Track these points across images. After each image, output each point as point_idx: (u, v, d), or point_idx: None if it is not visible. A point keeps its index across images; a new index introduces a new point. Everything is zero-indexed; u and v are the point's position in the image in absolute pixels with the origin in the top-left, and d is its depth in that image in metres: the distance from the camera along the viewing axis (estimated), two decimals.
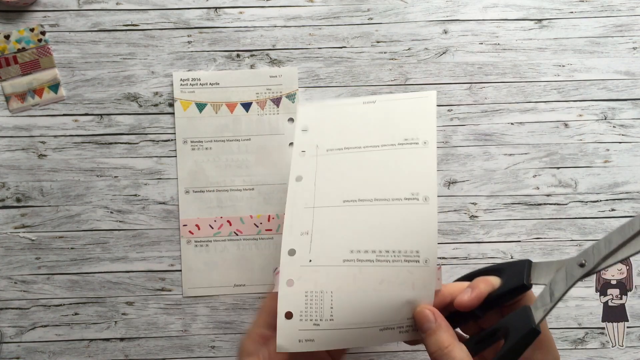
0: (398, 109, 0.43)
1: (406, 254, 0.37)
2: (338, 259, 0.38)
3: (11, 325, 0.55)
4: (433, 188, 0.38)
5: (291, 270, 0.38)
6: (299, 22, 0.56)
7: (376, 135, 0.41)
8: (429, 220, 0.37)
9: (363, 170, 0.40)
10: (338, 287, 0.38)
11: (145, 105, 0.55)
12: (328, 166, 0.41)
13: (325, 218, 0.39)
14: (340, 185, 0.40)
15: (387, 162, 0.40)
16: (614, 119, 0.56)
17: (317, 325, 0.38)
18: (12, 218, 0.55)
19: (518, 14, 0.56)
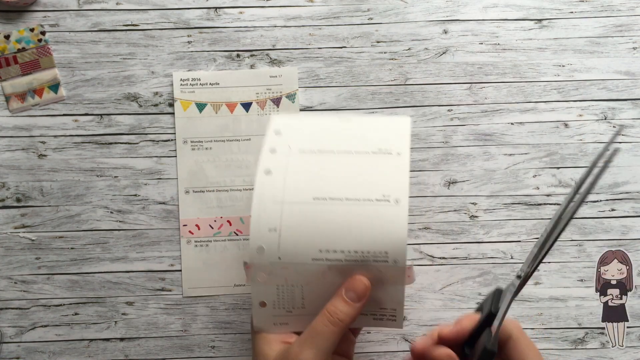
0: (373, 126, 0.43)
1: (375, 255, 0.37)
2: (307, 257, 0.38)
3: (11, 325, 0.55)
4: (405, 191, 0.38)
5: (261, 266, 0.39)
6: (299, 22, 0.56)
7: (351, 144, 0.41)
8: (399, 222, 0.37)
9: (336, 169, 0.40)
10: (308, 282, 0.39)
11: (145, 105, 0.55)
12: (300, 164, 0.40)
13: (294, 215, 0.38)
14: (312, 181, 0.39)
15: (360, 165, 0.40)
16: (614, 119, 0.56)
17: (290, 312, 0.40)
18: (12, 218, 0.55)
19: (518, 14, 0.56)
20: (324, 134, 0.42)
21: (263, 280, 0.39)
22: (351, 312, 0.37)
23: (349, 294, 0.37)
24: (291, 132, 0.43)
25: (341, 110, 0.55)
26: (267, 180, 0.40)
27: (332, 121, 0.44)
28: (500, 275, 0.55)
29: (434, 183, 0.55)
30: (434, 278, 0.55)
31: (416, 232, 0.55)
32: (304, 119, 0.45)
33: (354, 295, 0.37)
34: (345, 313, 0.37)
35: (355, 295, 0.37)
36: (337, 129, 0.43)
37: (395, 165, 0.39)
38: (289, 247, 0.38)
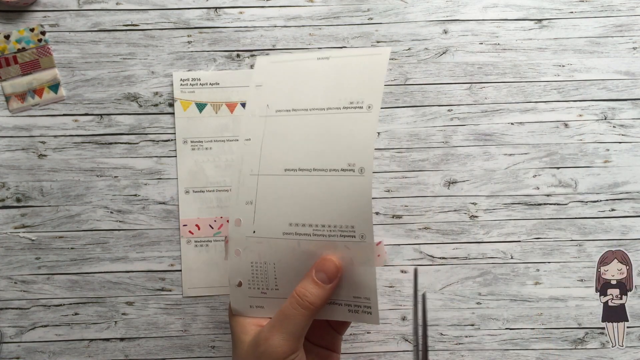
0: (349, 68, 0.40)
1: (342, 229, 0.36)
2: (278, 231, 0.38)
3: (11, 325, 0.55)
4: (369, 158, 0.36)
5: (238, 240, 0.39)
6: (299, 22, 0.56)
7: (324, 97, 0.40)
8: (364, 193, 0.36)
9: (307, 136, 0.39)
10: (279, 259, 0.38)
11: (145, 105, 0.55)
12: (275, 129, 0.40)
13: (268, 187, 0.38)
14: (284, 151, 0.39)
15: (330, 127, 0.38)
16: (614, 119, 0.56)
17: (265, 294, 0.39)
18: (12, 218, 0.55)
19: (518, 14, 0.56)
20: (301, 85, 0.41)
21: (239, 255, 0.39)
22: (322, 294, 0.36)
23: (319, 274, 0.36)
24: (271, 84, 0.42)
25: None
26: (247, 149, 0.40)
27: (311, 63, 0.42)
28: (500, 275, 0.55)
29: (434, 183, 0.55)
30: (434, 278, 0.55)
31: (416, 232, 0.55)
32: (285, 63, 0.44)
33: (324, 277, 0.36)
34: (315, 295, 0.35)
35: (326, 277, 0.36)
36: (315, 75, 0.41)
37: (363, 125, 0.38)
38: (262, 220, 0.38)
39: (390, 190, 0.55)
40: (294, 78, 0.42)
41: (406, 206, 0.55)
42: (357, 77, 0.40)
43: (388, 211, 0.55)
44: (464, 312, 0.55)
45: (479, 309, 0.55)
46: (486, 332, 0.55)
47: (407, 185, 0.55)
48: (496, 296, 0.55)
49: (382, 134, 0.55)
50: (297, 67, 0.43)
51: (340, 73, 0.41)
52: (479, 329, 0.55)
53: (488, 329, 0.55)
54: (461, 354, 0.55)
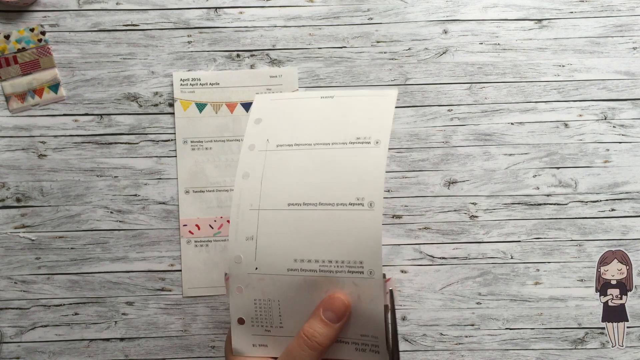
0: (355, 106, 0.40)
1: (349, 264, 0.35)
2: (282, 267, 0.37)
3: (11, 325, 0.55)
4: (379, 193, 0.35)
5: (239, 277, 0.37)
6: (299, 22, 0.56)
7: (329, 133, 0.39)
8: (373, 228, 0.35)
9: (311, 170, 0.38)
10: (284, 296, 0.37)
11: (145, 105, 0.55)
12: (276, 164, 0.39)
13: (270, 222, 0.37)
14: (287, 186, 0.38)
15: (336, 162, 0.37)
16: (614, 119, 0.56)
17: (269, 332, 0.38)
18: (12, 218, 0.55)
19: (518, 14, 0.56)
20: (303, 121, 0.40)
21: (240, 293, 0.37)
22: (330, 334, 0.34)
23: (327, 313, 0.34)
24: (271, 119, 0.41)
25: None
26: (245, 185, 0.38)
27: (314, 101, 0.42)
28: (500, 275, 0.55)
29: (434, 183, 0.55)
30: (434, 278, 0.55)
31: (416, 232, 0.55)
32: (286, 100, 0.43)
33: (333, 316, 0.34)
34: (324, 335, 0.34)
35: (334, 316, 0.34)
36: (318, 112, 0.41)
37: (372, 159, 0.37)
38: (265, 256, 0.37)
39: (390, 190, 0.55)
40: (295, 114, 0.41)
41: (406, 206, 0.55)
42: (364, 114, 0.39)
43: (388, 211, 0.55)
44: (464, 312, 0.55)
45: (479, 309, 0.55)
46: (486, 332, 0.55)
47: (407, 185, 0.55)
48: (496, 296, 0.55)
49: None
50: (299, 104, 0.42)
51: (346, 111, 0.40)
52: (479, 329, 0.55)
53: (488, 329, 0.55)
54: (461, 354, 0.55)
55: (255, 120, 0.41)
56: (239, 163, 0.40)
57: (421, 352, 0.55)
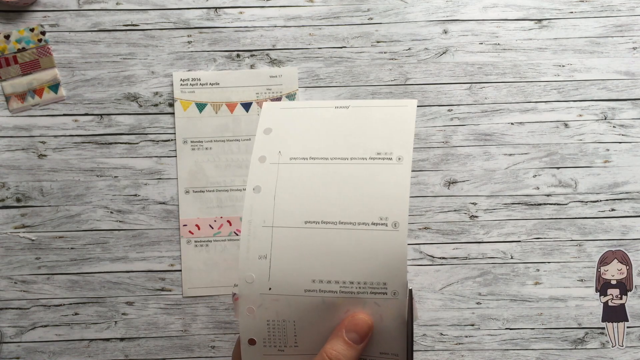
0: (372, 117, 0.38)
1: (372, 285, 0.34)
2: (299, 288, 0.35)
3: (11, 325, 0.55)
4: (404, 213, 0.34)
5: (250, 298, 0.35)
6: (299, 22, 0.56)
7: (346, 146, 0.37)
8: (398, 249, 0.33)
9: (329, 186, 0.36)
10: (300, 317, 0.35)
11: (145, 105, 0.55)
12: (290, 178, 0.37)
13: (285, 241, 0.35)
14: (303, 202, 0.36)
15: (355, 178, 0.36)
16: (614, 119, 0.56)
17: (282, 351, 0.36)
18: (12, 218, 0.55)
19: (518, 14, 0.56)
20: (317, 132, 0.38)
21: (252, 314, 0.35)
22: (353, 355, 0.33)
23: (351, 334, 0.33)
24: (282, 129, 0.39)
25: None
26: (257, 199, 0.36)
27: (327, 111, 0.39)
28: (500, 275, 0.55)
29: (434, 183, 0.55)
30: (434, 278, 0.55)
31: (416, 232, 0.55)
32: (297, 110, 0.40)
33: (356, 337, 0.33)
34: (347, 356, 0.33)
35: (358, 336, 0.33)
36: (333, 123, 0.38)
37: (395, 177, 0.35)
38: (280, 276, 0.35)
39: None
40: (308, 125, 0.39)
41: None
42: (383, 127, 0.37)
43: None
44: (464, 312, 0.55)
45: (479, 309, 0.55)
46: (486, 332, 0.55)
47: None
48: (496, 296, 0.55)
49: None
50: (312, 114, 0.39)
51: (362, 122, 0.38)
52: (479, 329, 0.55)
53: (488, 329, 0.55)
54: (461, 354, 0.55)
55: (264, 130, 0.39)
56: (249, 175, 0.37)
57: (421, 352, 0.55)
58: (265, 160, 0.38)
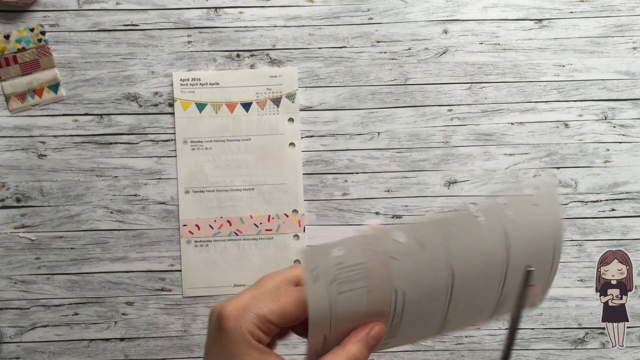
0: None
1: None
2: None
3: (11, 325, 0.55)
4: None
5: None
6: (299, 22, 0.56)
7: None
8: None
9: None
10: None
11: (145, 105, 0.55)
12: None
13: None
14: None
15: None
16: (614, 119, 0.56)
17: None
18: (12, 218, 0.55)
19: (518, 14, 0.56)
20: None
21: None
22: (367, 357, 0.33)
23: (372, 341, 0.33)
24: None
25: (341, 110, 0.55)
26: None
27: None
28: None
29: (434, 183, 0.55)
30: None
31: None
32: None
33: (375, 344, 0.33)
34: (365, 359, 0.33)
35: (376, 343, 0.33)
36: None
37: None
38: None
39: (390, 190, 0.55)
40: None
41: (406, 206, 0.55)
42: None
43: (388, 211, 0.55)
44: None
45: None
46: (486, 332, 0.55)
47: (407, 185, 0.55)
48: None
49: (382, 134, 0.55)
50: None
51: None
52: (479, 329, 0.55)
53: (488, 329, 0.55)
54: (461, 354, 0.55)
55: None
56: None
57: (421, 352, 0.55)
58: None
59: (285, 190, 0.55)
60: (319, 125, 0.55)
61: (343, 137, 0.55)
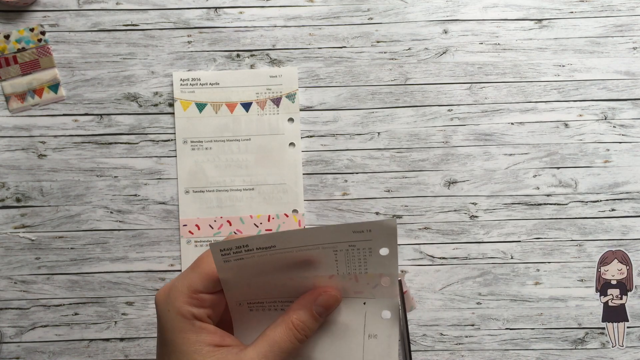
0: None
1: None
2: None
3: (11, 325, 0.55)
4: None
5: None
6: (299, 22, 0.56)
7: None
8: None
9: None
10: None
11: (145, 105, 0.55)
12: None
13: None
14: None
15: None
16: (614, 119, 0.56)
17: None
18: (12, 218, 0.55)
19: (518, 14, 0.56)
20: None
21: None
22: (316, 327, 0.32)
23: (319, 309, 0.32)
24: None
25: (341, 110, 0.55)
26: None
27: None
28: (500, 275, 0.55)
29: (434, 183, 0.55)
30: (434, 278, 0.55)
31: (416, 232, 0.55)
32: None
33: (324, 311, 0.32)
34: (311, 329, 0.31)
35: (325, 311, 0.32)
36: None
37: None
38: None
39: (390, 190, 0.55)
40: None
41: (406, 206, 0.55)
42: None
43: (388, 211, 0.55)
44: (464, 312, 0.55)
45: (479, 309, 0.55)
46: (486, 332, 0.55)
47: (407, 185, 0.55)
48: (496, 296, 0.55)
49: (382, 134, 0.55)
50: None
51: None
52: (479, 329, 0.55)
53: (488, 329, 0.55)
54: (461, 354, 0.55)
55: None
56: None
57: (421, 352, 0.55)
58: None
59: (285, 190, 0.55)
60: (319, 125, 0.55)
61: (343, 137, 0.55)
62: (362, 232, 0.30)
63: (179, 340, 0.29)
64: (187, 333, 0.29)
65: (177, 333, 0.29)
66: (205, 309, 0.29)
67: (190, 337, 0.29)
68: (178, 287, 0.29)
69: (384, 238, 0.30)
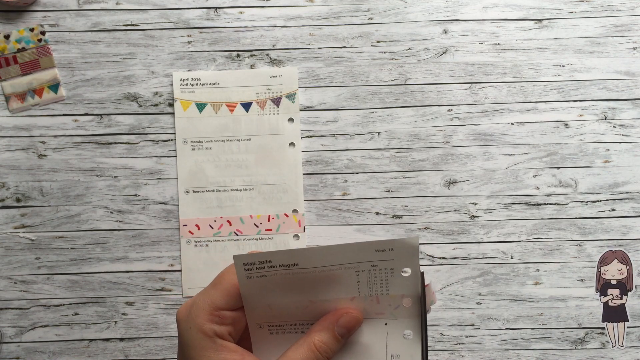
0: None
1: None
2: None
3: (11, 325, 0.55)
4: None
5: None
6: (299, 22, 0.56)
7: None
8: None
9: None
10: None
11: (145, 105, 0.55)
12: None
13: None
14: None
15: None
16: (614, 119, 0.56)
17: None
18: (12, 218, 0.55)
19: (518, 14, 0.56)
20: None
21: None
22: (339, 349, 0.31)
23: (341, 330, 0.32)
24: None
25: (341, 110, 0.55)
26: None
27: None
28: (500, 275, 0.55)
29: (434, 183, 0.55)
30: (434, 278, 0.55)
31: (416, 232, 0.55)
32: None
33: (346, 332, 0.32)
34: (333, 351, 0.31)
35: (347, 332, 0.32)
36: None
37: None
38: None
39: (390, 190, 0.55)
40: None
41: (406, 206, 0.55)
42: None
43: (388, 211, 0.55)
44: (464, 312, 0.55)
45: (479, 309, 0.55)
46: (486, 332, 0.55)
47: (407, 185, 0.55)
48: (496, 296, 0.55)
49: (382, 134, 0.55)
50: None
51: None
52: (479, 329, 0.55)
53: (488, 329, 0.55)
54: (461, 354, 0.55)
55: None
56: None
57: None
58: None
59: (285, 190, 0.55)
60: (319, 125, 0.55)
61: (343, 137, 0.55)
62: (384, 251, 0.30)
63: (200, 358, 0.29)
64: (208, 351, 0.29)
65: (199, 350, 0.29)
66: (226, 327, 0.29)
67: (211, 356, 0.29)
68: (199, 304, 0.29)
69: (406, 257, 0.30)
